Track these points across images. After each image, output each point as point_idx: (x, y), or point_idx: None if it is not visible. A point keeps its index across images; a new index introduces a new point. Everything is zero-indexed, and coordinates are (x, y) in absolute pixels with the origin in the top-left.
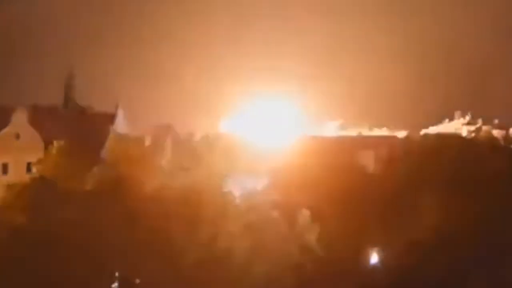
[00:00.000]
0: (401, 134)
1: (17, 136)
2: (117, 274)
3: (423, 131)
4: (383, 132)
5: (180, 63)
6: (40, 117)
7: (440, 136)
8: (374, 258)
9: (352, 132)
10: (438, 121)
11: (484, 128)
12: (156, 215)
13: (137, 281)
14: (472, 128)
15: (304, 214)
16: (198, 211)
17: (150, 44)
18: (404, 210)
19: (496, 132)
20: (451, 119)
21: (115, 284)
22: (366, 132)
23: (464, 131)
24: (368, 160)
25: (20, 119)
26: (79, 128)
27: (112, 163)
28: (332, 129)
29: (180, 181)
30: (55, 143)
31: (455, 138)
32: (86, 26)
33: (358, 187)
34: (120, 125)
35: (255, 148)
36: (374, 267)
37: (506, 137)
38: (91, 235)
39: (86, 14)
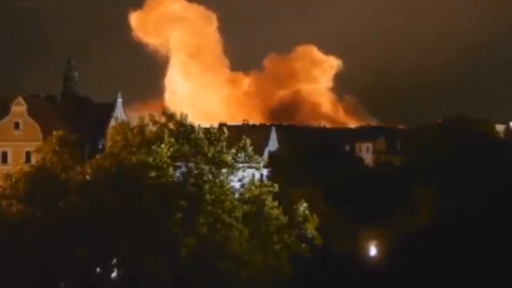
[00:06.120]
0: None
1: (17, 126)
2: (115, 261)
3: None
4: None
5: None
6: (39, 107)
7: (438, 125)
8: (372, 250)
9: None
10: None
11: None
12: (155, 205)
13: (136, 271)
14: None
15: (303, 205)
16: (197, 201)
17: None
18: (400, 201)
19: (497, 126)
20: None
21: (114, 273)
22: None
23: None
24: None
25: (19, 109)
26: (78, 117)
27: (112, 152)
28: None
29: (179, 172)
30: (54, 132)
31: (453, 127)
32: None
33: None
34: (120, 114)
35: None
36: (372, 258)
37: (506, 131)
38: (90, 223)
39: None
